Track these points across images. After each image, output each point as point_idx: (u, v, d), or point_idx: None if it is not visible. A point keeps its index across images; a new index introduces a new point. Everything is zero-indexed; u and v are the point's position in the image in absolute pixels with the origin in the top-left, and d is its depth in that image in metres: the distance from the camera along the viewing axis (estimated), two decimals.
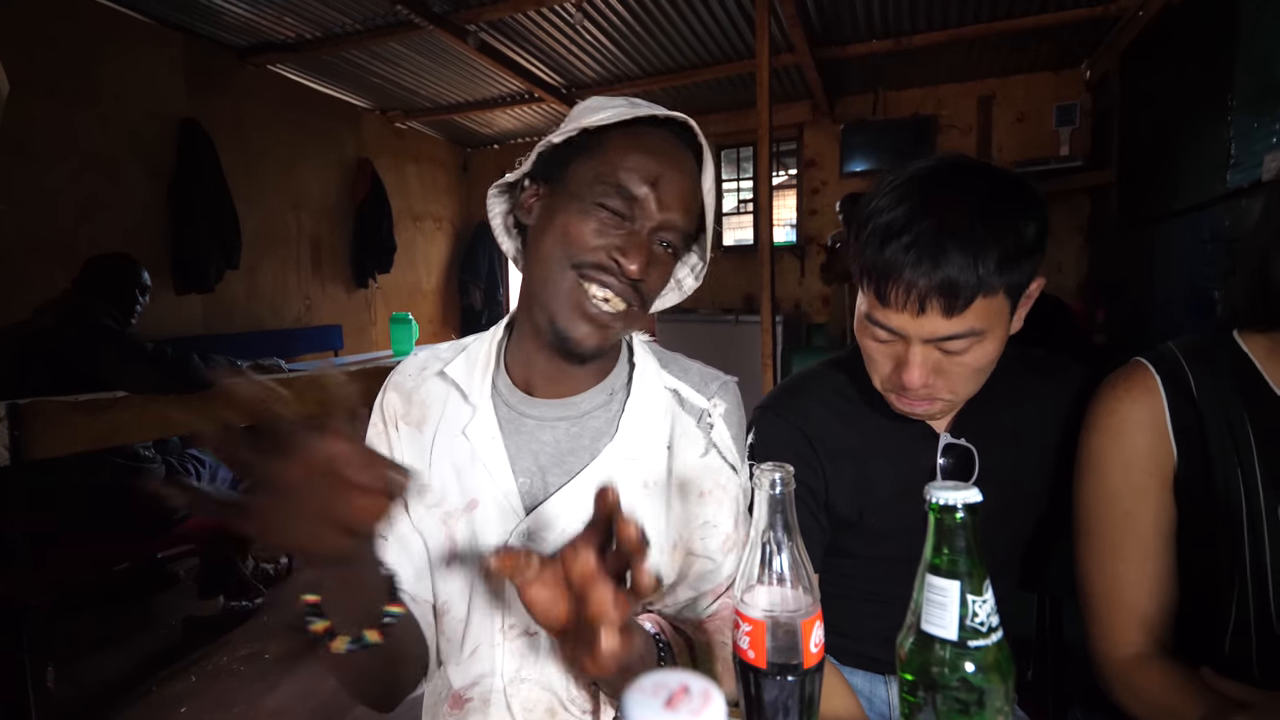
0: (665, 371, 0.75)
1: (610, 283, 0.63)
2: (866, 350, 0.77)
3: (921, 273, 0.66)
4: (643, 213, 0.63)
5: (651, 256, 0.64)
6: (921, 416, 0.77)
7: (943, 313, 0.67)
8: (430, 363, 0.75)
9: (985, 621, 0.36)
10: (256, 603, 2.38)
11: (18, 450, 1.50)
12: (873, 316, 0.72)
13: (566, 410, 0.70)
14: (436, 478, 0.69)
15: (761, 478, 0.44)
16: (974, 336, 0.68)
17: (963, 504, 0.37)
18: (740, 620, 0.44)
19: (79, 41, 2.91)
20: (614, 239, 0.63)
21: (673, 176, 0.64)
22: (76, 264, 2.12)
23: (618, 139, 0.64)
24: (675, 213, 0.64)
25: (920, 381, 0.71)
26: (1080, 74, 3.84)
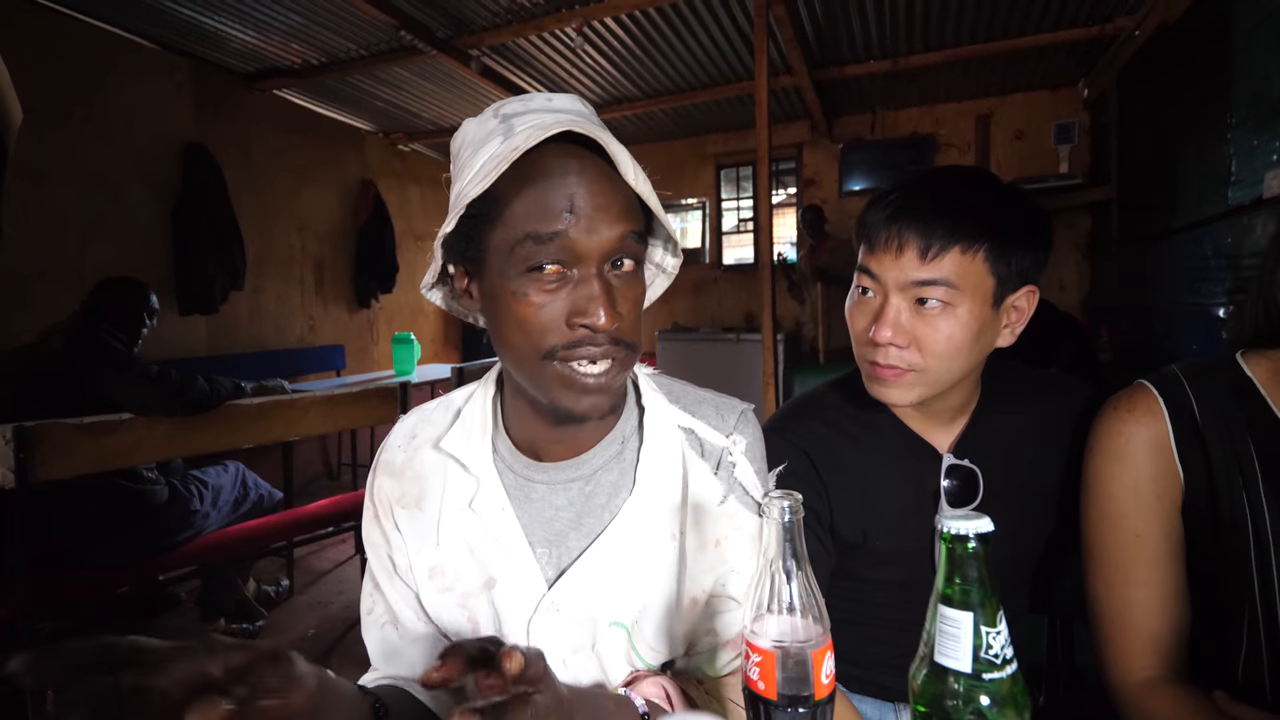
0: (676, 408, 0.68)
1: (591, 352, 0.55)
2: (849, 317, 0.81)
3: (906, 215, 0.73)
4: (575, 251, 0.53)
5: (614, 291, 0.55)
6: (892, 398, 0.77)
7: (919, 254, 0.71)
8: (419, 429, 0.69)
9: (999, 653, 0.36)
10: (258, 625, 2.36)
11: (23, 473, 1.50)
12: (861, 267, 0.77)
13: (578, 470, 0.64)
14: (449, 558, 0.64)
15: (770, 506, 0.44)
16: (948, 289, 0.71)
17: (975, 534, 0.37)
18: (750, 651, 0.44)
19: (88, 67, 2.96)
20: (565, 304, 0.54)
21: (586, 188, 0.53)
22: (83, 285, 2.14)
23: (506, 188, 0.53)
24: (610, 225, 0.53)
25: (890, 335, 0.73)
26: (1078, 92, 3.89)
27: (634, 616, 0.62)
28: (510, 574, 0.62)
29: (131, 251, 3.14)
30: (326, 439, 4.35)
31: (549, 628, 0.61)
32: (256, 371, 3.19)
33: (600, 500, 0.64)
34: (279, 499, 2.41)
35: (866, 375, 0.79)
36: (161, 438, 1.77)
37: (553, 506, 0.64)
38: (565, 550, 0.63)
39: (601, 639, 0.61)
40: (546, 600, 0.61)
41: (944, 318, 0.73)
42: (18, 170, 2.63)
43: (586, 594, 0.61)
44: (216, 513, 2.13)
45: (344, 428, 2.37)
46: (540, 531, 0.63)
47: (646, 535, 0.63)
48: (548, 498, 0.64)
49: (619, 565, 0.61)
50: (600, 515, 0.63)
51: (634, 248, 0.56)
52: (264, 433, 2.03)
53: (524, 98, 0.60)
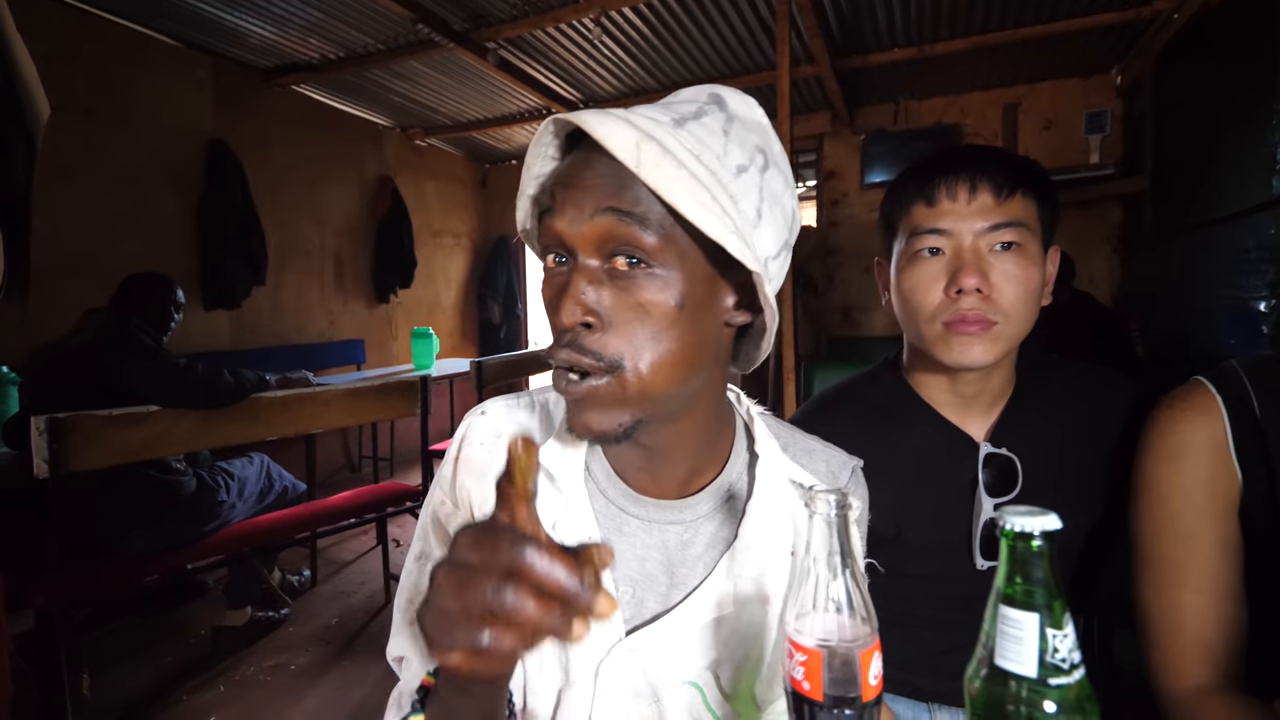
0: (787, 457, 0.61)
1: (555, 352, 0.49)
2: (912, 287, 0.78)
3: (970, 161, 0.74)
4: (559, 239, 0.48)
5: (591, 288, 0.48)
6: (976, 356, 0.74)
7: (993, 194, 0.73)
8: (505, 429, 0.62)
9: (1067, 657, 0.34)
10: (283, 613, 2.39)
11: (56, 463, 1.53)
12: (919, 230, 0.76)
13: (680, 514, 0.58)
14: None
15: (815, 501, 0.42)
16: (1022, 230, 0.73)
17: (1040, 531, 0.35)
18: (793, 649, 0.42)
19: (112, 65, 3.00)
20: (552, 292, 0.50)
21: (568, 183, 0.48)
22: (111, 281, 2.17)
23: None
24: (587, 221, 0.47)
25: (975, 281, 0.72)
26: (1111, 79, 3.77)
27: (710, 677, 0.57)
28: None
29: (157, 248, 3.19)
30: (348, 432, 4.39)
31: (619, 672, 0.56)
32: (279, 365, 3.22)
33: (697, 551, 0.58)
34: (303, 490, 2.44)
35: (941, 341, 0.76)
36: (188, 429, 1.80)
37: (645, 545, 0.58)
38: (650, 595, 0.57)
39: (668, 693, 0.56)
40: (622, 645, 0.55)
41: (1021, 260, 0.73)
42: (46, 168, 2.67)
43: (665, 648, 0.56)
44: (243, 503, 2.16)
45: (365, 421, 2.38)
46: (627, 570, 0.57)
47: (740, 595, 0.57)
48: (640, 535, 0.58)
49: (706, 624, 0.56)
50: (694, 567, 0.57)
51: (629, 235, 0.46)
52: (287, 425, 2.05)
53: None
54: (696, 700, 0.57)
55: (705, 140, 0.48)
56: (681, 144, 0.46)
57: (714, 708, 0.57)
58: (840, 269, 4.62)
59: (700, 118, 0.49)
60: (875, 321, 4.53)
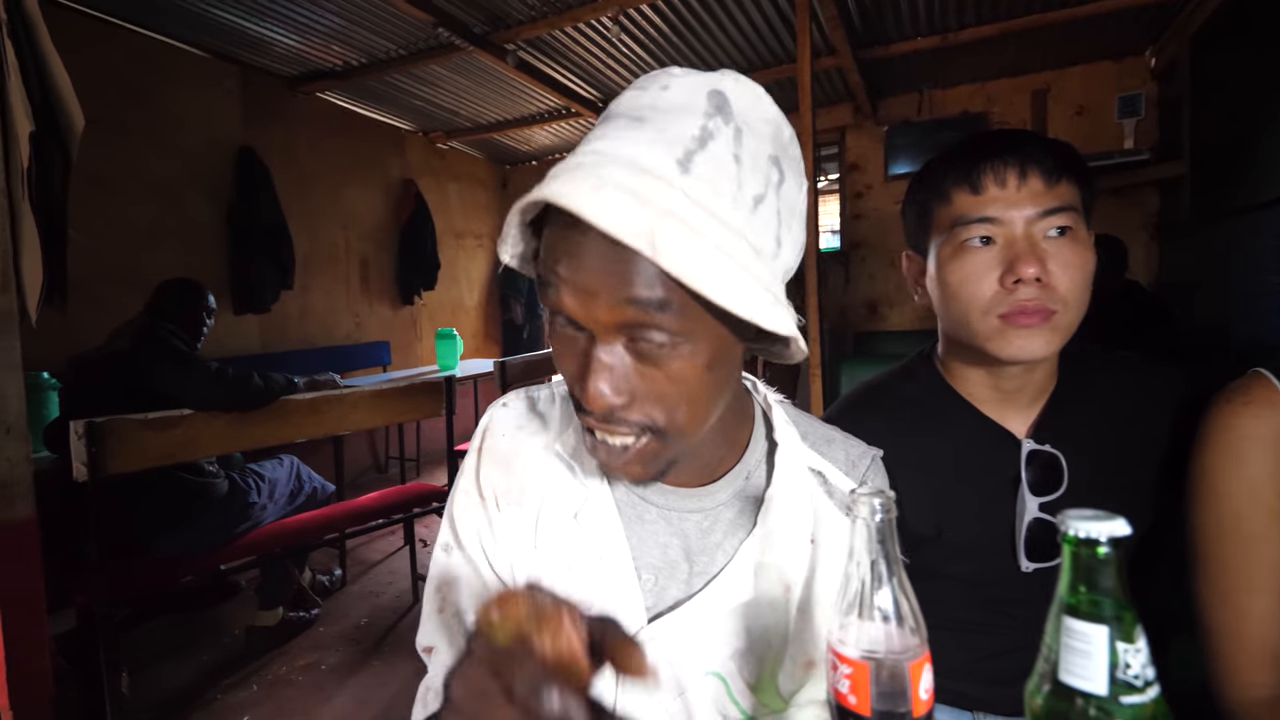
0: (806, 445, 0.61)
1: (590, 423, 0.49)
2: (961, 279, 0.74)
3: (1016, 145, 0.71)
4: (570, 316, 0.46)
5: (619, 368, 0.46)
6: (1035, 349, 0.71)
7: (1044, 179, 0.70)
8: (526, 420, 0.63)
9: (1140, 674, 0.32)
10: (313, 614, 2.43)
11: (95, 466, 1.56)
12: (965, 219, 0.72)
13: (700, 502, 0.58)
14: (545, 567, 0.59)
15: (859, 504, 0.40)
16: (1073, 214, 0.70)
17: (1108, 537, 0.32)
18: (837, 660, 0.40)
19: (145, 78, 3.07)
20: (571, 364, 0.48)
21: (581, 268, 0.43)
22: (146, 288, 2.22)
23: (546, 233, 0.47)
24: (610, 311, 0.43)
25: (1034, 270, 0.68)
26: (1144, 62, 3.65)
27: (734, 668, 0.57)
28: (609, 598, 0.56)
29: (189, 254, 3.26)
30: (374, 433, 4.45)
31: None
32: (307, 368, 3.27)
33: (716, 538, 0.58)
34: (331, 491, 2.47)
35: (997, 335, 0.72)
36: (220, 432, 1.82)
37: (666, 534, 0.58)
38: (671, 584, 0.57)
39: (692, 685, 0.56)
40: (644, 634, 0.55)
41: (1074, 245, 0.70)
42: (82, 178, 2.74)
43: (687, 637, 0.56)
44: (273, 505, 2.19)
45: (392, 422, 2.40)
46: (648, 558, 0.58)
47: (761, 583, 0.57)
48: (661, 523, 0.58)
49: (727, 612, 0.56)
50: (714, 555, 0.58)
51: (657, 320, 0.43)
52: (316, 427, 2.07)
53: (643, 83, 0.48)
54: (721, 692, 0.56)
55: (718, 183, 0.43)
56: (695, 202, 0.42)
57: (738, 699, 0.57)
58: (865, 263, 4.55)
59: (706, 145, 0.44)
60: (902, 316, 4.45)
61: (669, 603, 0.57)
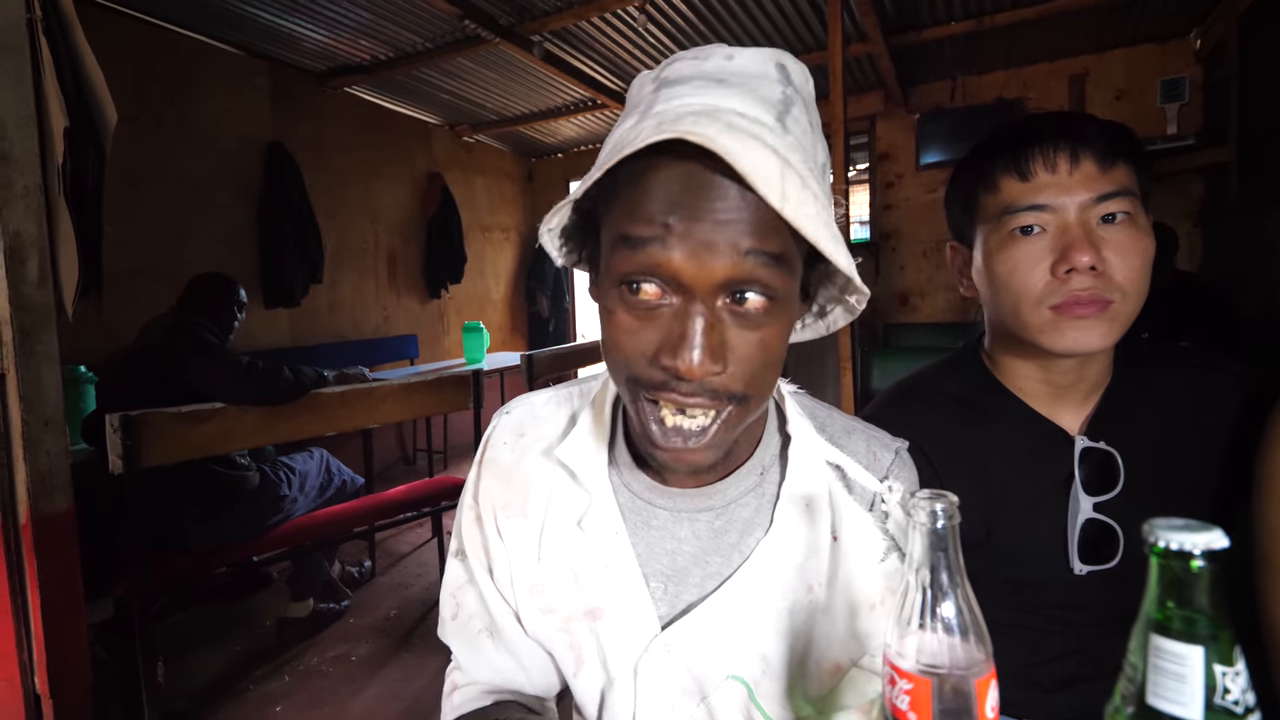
0: (823, 439, 0.58)
1: (676, 399, 0.44)
2: (1010, 269, 0.71)
3: (1073, 129, 0.67)
4: (674, 276, 0.42)
5: (724, 331, 0.44)
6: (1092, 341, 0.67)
7: (1098, 163, 0.66)
8: (529, 426, 0.61)
9: (1240, 699, 0.29)
10: (344, 605, 2.46)
11: (130, 459, 1.59)
12: (1015, 207, 0.69)
13: (709, 501, 0.55)
14: (550, 577, 0.58)
15: (917, 509, 0.38)
16: (1130, 199, 0.66)
17: (1203, 550, 0.29)
18: (895, 675, 0.38)
19: (178, 75, 3.12)
20: (656, 337, 0.44)
21: (695, 217, 0.41)
22: (180, 283, 2.26)
23: (623, 174, 0.44)
24: (722, 264, 0.42)
25: (1089, 258, 0.65)
26: (1190, 44, 3.50)
27: (756, 672, 0.54)
28: (619, 606, 0.55)
29: (222, 249, 3.31)
30: (403, 426, 4.49)
31: (659, 669, 0.54)
32: (336, 361, 3.31)
33: (731, 538, 0.55)
34: (361, 484, 2.50)
35: (1050, 328, 0.69)
36: (252, 426, 1.85)
37: (675, 538, 0.56)
38: (685, 588, 0.55)
39: (715, 691, 0.54)
40: (659, 641, 0.54)
41: (1132, 232, 0.67)
42: (117, 174, 2.79)
43: (705, 641, 0.54)
44: (304, 497, 2.22)
45: (420, 415, 2.42)
46: (657, 564, 0.56)
47: (780, 583, 0.54)
48: (670, 527, 0.56)
49: (745, 614, 0.54)
50: (729, 555, 0.55)
51: (768, 276, 0.42)
52: (346, 420, 2.09)
53: (698, 54, 0.47)
54: (744, 697, 0.54)
55: (804, 145, 0.44)
56: (801, 160, 0.43)
57: (763, 704, 0.55)
58: (896, 254, 4.46)
59: (790, 109, 0.45)
60: (934, 307, 4.36)
61: (683, 607, 0.55)
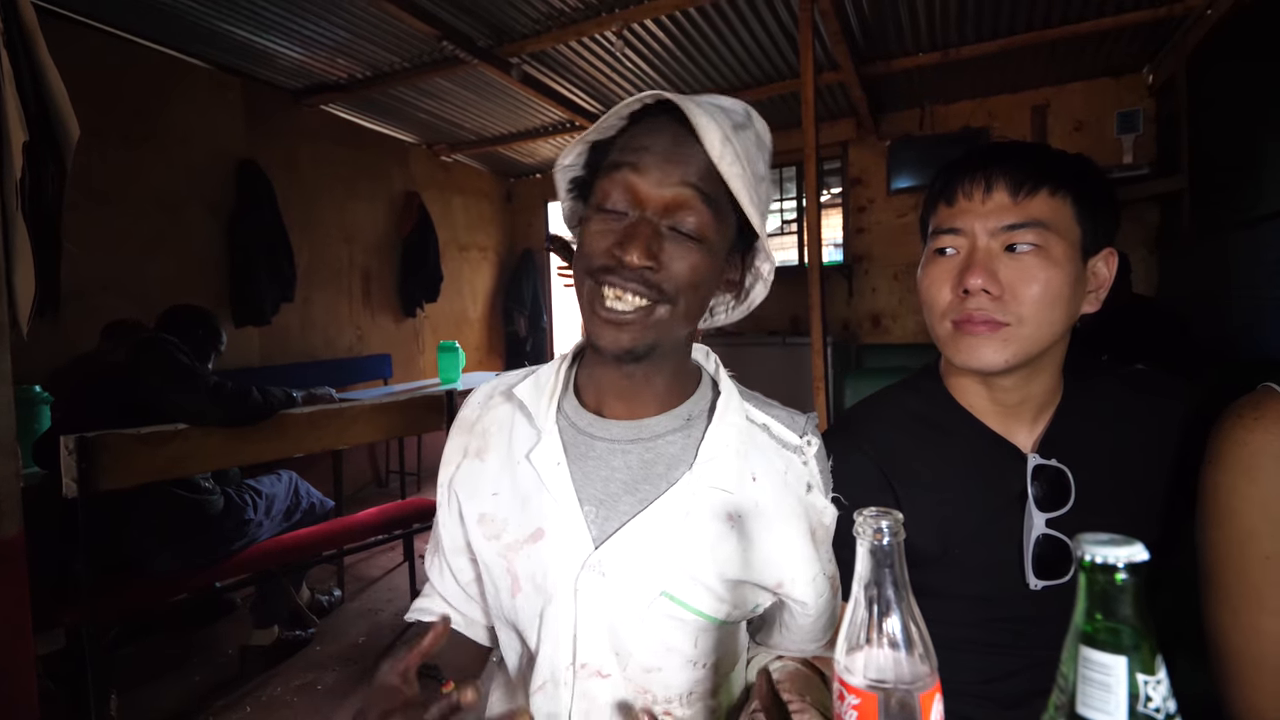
0: (749, 404, 0.70)
1: (617, 281, 0.59)
2: (927, 285, 0.78)
3: (994, 160, 0.72)
4: (635, 199, 0.59)
5: (657, 243, 0.59)
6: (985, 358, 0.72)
7: (1009, 191, 0.71)
8: (496, 389, 0.75)
9: (1161, 707, 0.30)
10: (310, 632, 2.39)
11: (85, 482, 1.54)
12: (940, 229, 0.76)
13: (639, 432, 0.66)
14: (500, 506, 0.67)
15: (864, 526, 0.39)
16: (1040, 231, 0.69)
17: (1125, 563, 0.31)
18: (844, 690, 0.39)
19: (147, 89, 3.08)
20: (614, 236, 0.60)
21: (657, 152, 0.59)
22: (145, 301, 2.23)
23: (622, 137, 0.62)
24: (669, 188, 0.59)
25: (981, 281, 0.70)
26: (1142, 79, 3.67)
27: (686, 590, 0.62)
28: (557, 528, 0.63)
29: (190, 267, 3.25)
30: (375, 447, 4.42)
31: (595, 589, 0.62)
32: (308, 381, 3.26)
33: (659, 469, 0.65)
34: (330, 508, 2.44)
35: (950, 341, 0.75)
36: (217, 447, 1.81)
37: (609, 466, 0.65)
38: (615, 513, 0.64)
39: (649, 606, 0.62)
40: (593, 558, 0.62)
41: (1037, 262, 0.70)
42: (82, 190, 2.75)
43: (633, 560, 0.62)
44: (270, 521, 2.16)
45: (392, 436, 2.39)
46: (592, 490, 0.64)
47: (701, 512, 0.63)
48: (605, 457, 0.65)
49: (670, 537, 0.62)
50: (657, 484, 0.64)
51: (700, 212, 0.59)
52: (315, 442, 2.05)
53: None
54: (678, 609, 0.62)
55: (749, 151, 0.61)
56: (741, 154, 0.59)
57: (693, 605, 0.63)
58: (868, 276, 4.54)
59: (744, 129, 0.62)
60: (906, 328, 4.44)
61: (613, 530, 0.62)
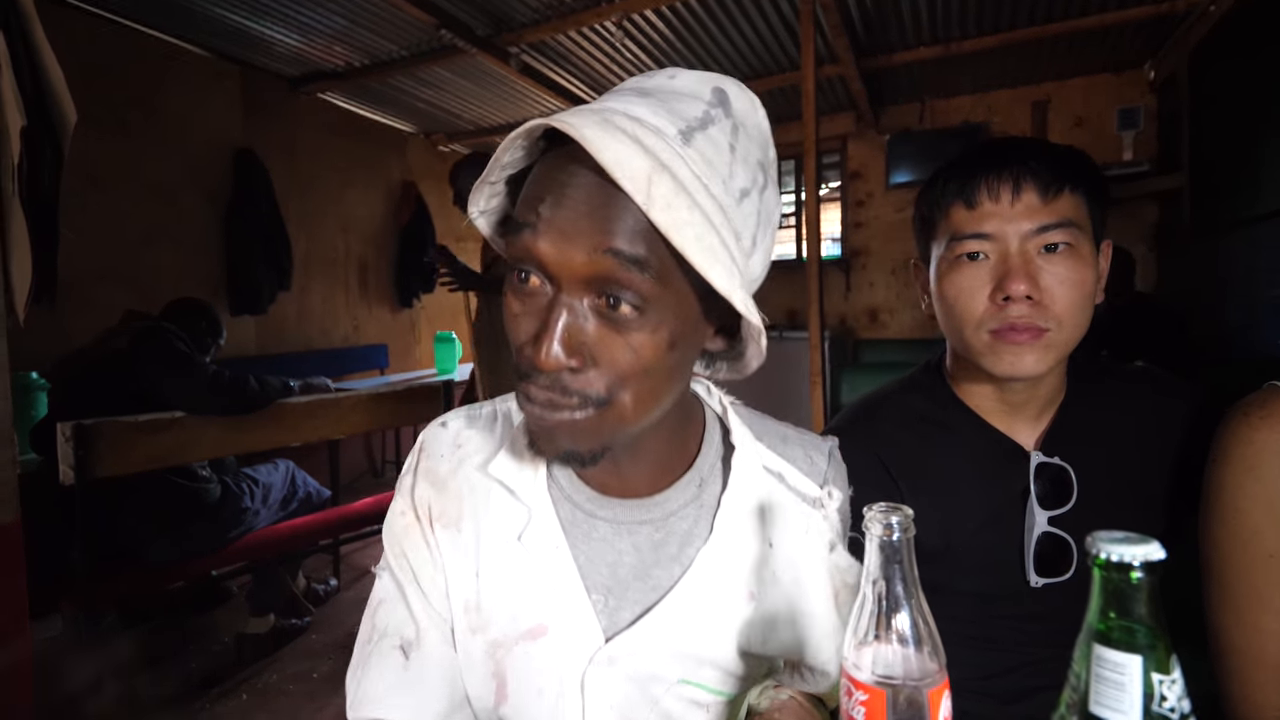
0: (763, 445, 0.59)
1: (532, 391, 0.45)
2: (955, 294, 0.73)
3: (1012, 158, 0.69)
4: (543, 264, 0.43)
5: (579, 333, 0.43)
6: (1027, 367, 0.70)
7: (1039, 193, 0.68)
8: (465, 437, 0.59)
9: (1176, 707, 0.30)
10: (306, 621, 2.39)
11: (82, 469, 1.54)
12: (961, 234, 0.72)
13: (649, 513, 0.55)
14: (486, 595, 0.55)
15: (872, 522, 0.39)
16: (1072, 230, 0.68)
17: (1141, 562, 0.31)
18: (852, 686, 0.39)
19: (144, 76, 3.05)
20: (529, 323, 0.45)
21: (565, 205, 0.42)
22: (141, 289, 2.21)
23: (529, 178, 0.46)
24: (582, 255, 0.41)
25: (1024, 287, 0.67)
26: (1144, 75, 3.66)
27: (703, 674, 0.56)
28: (562, 622, 0.54)
29: (186, 255, 3.23)
30: (371, 438, 4.41)
31: (604, 682, 0.54)
32: (304, 371, 3.24)
33: (671, 550, 0.55)
34: (327, 497, 2.44)
35: (989, 352, 0.72)
36: (213, 436, 1.80)
37: (615, 550, 0.55)
38: (625, 601, 0.55)
39: (666, 695, 0.55)
40: (602, 654, 0.53)
41: (1071, 263, 0.69)
42: (78, 176, 2.72)
43: (648, 651, 0.54)
44: (267, 510, 2.16)
45: (388, 426, 2.38)
46: (599, 577, 0.55)
47: (720, 591, 0.55)
48: (610, 539, 0.55)
49: (687, 623, 0.54)
50: (669, 567, 0.55)
51: (630, 280, 0.41)
52: (311, 431, 2.05)
53: (651, 73, 0.49)
54: (697, 693, 0.56)
55: (713, 161, 0.44)
56: (691, 169, 0.42)
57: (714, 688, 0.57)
58: (866, 271, 4.54)
59: (706, 127, 0.45)
60: (903, 323, 4.45)
61: (623, 623, 0.54)
